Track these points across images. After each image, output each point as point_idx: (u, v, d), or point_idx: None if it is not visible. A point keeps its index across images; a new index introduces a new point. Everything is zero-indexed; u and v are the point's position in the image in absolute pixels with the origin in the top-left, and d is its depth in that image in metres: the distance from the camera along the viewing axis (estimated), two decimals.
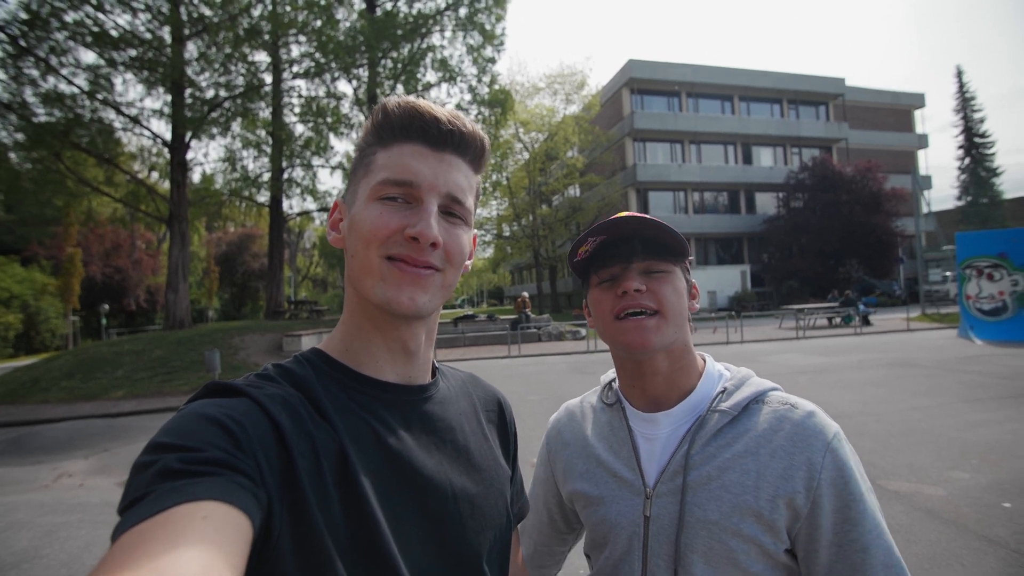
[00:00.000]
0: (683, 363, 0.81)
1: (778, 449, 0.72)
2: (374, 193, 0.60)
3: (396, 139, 0.61)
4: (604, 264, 0.81)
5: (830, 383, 7.99)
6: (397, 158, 0.60)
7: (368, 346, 0.63)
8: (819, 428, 0.73)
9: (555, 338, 17.47)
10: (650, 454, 0.80)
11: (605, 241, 0.80)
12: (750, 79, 32.18)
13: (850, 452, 0.73)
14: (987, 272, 13.38)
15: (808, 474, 0.70)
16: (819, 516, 0.69)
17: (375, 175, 0.61)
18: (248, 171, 18.38)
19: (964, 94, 43.10)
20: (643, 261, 0.79)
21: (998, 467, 4.17)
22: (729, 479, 0.73)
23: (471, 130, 0.63)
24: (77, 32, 13.97)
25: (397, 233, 0.58)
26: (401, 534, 0.55)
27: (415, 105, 0.61)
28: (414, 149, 0.61)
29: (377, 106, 0.63)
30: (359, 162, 0.64)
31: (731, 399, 0.78)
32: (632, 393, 0.85)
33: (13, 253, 27.04)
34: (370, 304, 0.61)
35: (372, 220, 0.59)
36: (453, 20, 17.81)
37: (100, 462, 5.97)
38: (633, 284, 0.77)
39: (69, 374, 11.54)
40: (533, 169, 30.92)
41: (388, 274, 0.59)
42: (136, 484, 0.41)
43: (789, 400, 0.77)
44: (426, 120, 0.61)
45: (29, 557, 3.25)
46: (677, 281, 0.80)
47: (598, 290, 0.82)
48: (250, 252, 41.21)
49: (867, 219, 26.75)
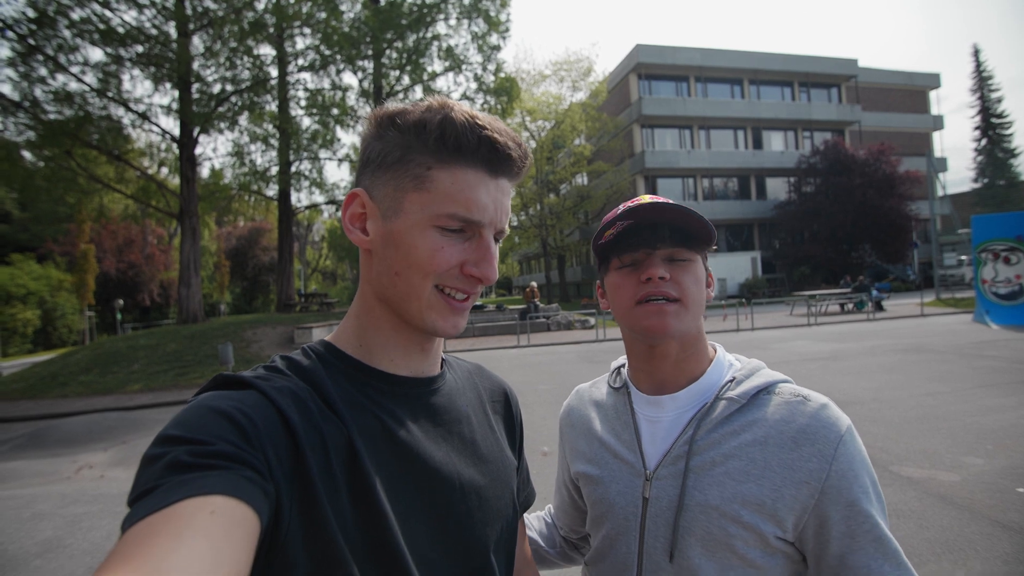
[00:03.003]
0: (693, 350, 0.81)
1: (788, 440, 0.72)
2: (435, 221, 0.57)
3: (458, 160, 0.57)
4: (628, 248, 0.80)
5: (842, 370, 7.93)
6: (463, 189, 0.57)
7: (385, 344, 0.62)
8: (831, 421, 0.72)
9: (564, 327, 17.47)
10: (652, 437, 0.80)
11: (631, 225, 0.79)
12: (760, 62, 31.62)
13: (860, 446, 0.73)
14: (1004, 255, 13.14)
15: (819, 466, 0.69)
16: (828, 508, 0.69)
17: (438, 202, 0.57)
18: (256, 165, 18.49)
19: (981, 74, 42.11)
20: (668, 248, 0.78)
21: (1013, 452, 4.12)
22: (734, 466, 0.72)
23: (527, 154, 0.61)
24: (84, 29, 14.05)
25: (456, 267, 0.58)
26: (409, 526, 0.55)
27: (485, 127, 0.57)
28: (476, 176, 0.58)
29: (437, 108, 0.58)
30: (403, 165, 0.58)
31: (740, 387, 0.78)
32: (639, 377, 0.85)
33: (29, 250, 27.49)
34: (397, 314, 0.61)
35: (431, 251, 0.57)
36: (458, 8, 17.66)
37: (119, 454, 6.09)
38: (658, 271, 0.76)
39: (86, 369, 11.77)
40: (540, 158, 30.75)
41: (437, 304, 0.59)
42: (146, 476, 0.42)
43: (800, 392, 0.77)
44: (496, 147, 0.57)
45: (53, 547, 3.34)
46: (698, 270, 0.79)
47: (618, 274, 0.81)
48: (260, 246, 41.55)
49: (880, 203, 26.32)
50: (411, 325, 0.61)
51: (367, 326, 0.63)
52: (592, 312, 16.43)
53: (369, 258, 0.62)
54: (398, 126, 0.58)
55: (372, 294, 0.62)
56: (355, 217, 0.61)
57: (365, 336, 0.62)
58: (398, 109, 0.60)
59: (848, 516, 0.68)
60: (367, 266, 0.62)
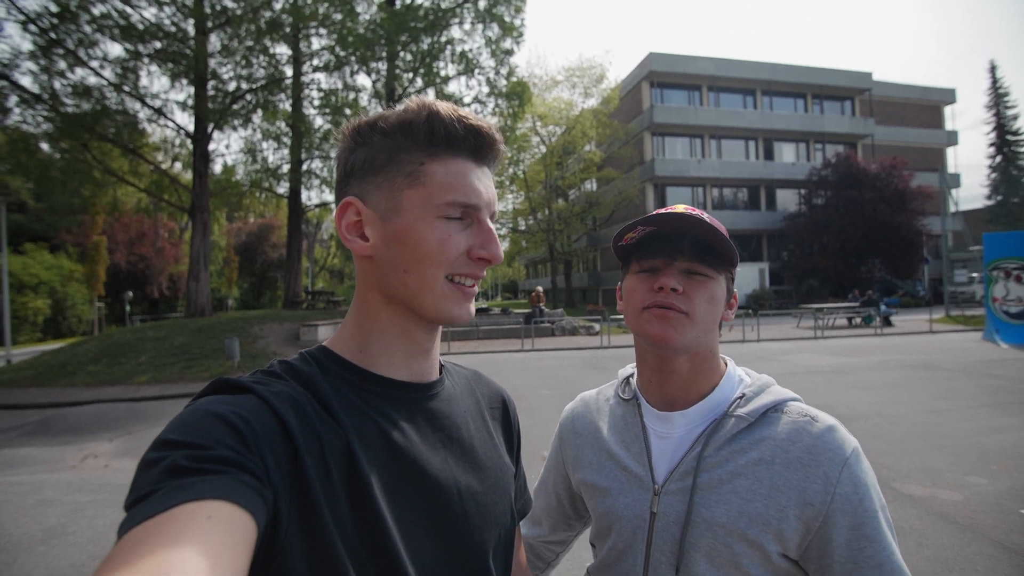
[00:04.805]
0: (705, 367, 0.81)
1: (794, 461, 0.72)
2: (438, 211, 0.59)
3: (447, 151, 0.60)
4: (648, 254, 0.80)
5: (847, 384, 7.88)
6: (456, 176, 0.60)
7: (388, 348, 0.63)
8: (838, 443, 0.72)
9: (569, 333, 17.45)
10: (662, 452, 0.80)
11: (655, 232, 0.79)
12: (773, 73, 31.53)
13: (867, 469, 0.73)
14: (1015, 274, 13.00)
15: (823, 488, 0.69)
16: (832, 531, 0.69)
17: (436, 192, 0.59)
18: (268, 162, 18.64)
19: (997, 90, 41.73)
20: (687, 261, 0.77)
21: (1017, 473, 4.09)
22: (741, 484, 0.73)
23: (503, 142, 0.65)
24: (104, 25, 14.27)
25: (463, 254, 0.61)
26: (407, 532, 0.55)
27: (467, 117, 0.60)
28: (465, 165, 0.61)
29: (419, 107, 0.60)
30: (394, 165, 0.60)
31: (749, 405, 0.78)
32: (649, 389, 0.85)
33: (42, 240, 27.85)
34: (404, 312, 0.62)
35: (441, 240, 0.59)
36: (472, 12, 17.76)
37: (124, 444, 6.16)
38: (671, 282, 0.76)
39: (95, 359, 11.90)
40: (550, 163, 30.80)
41: (450, 293, 0.61)
42: (143, 481, 0.42)
43: (809, 412, 0.76)
44: (481, 136, 0.61)
45: (57, 533, 3.39)
46: (716, 288, 0.78)
47: (636, 277, 0.82)
48: (269, 242, 41.83)
49: (892, 217, 26.09)
50: (424, 320, 0.62)
51: (370, 331, 0.63)
52: (597, 318, 16.40)
53: (370, 264, 0.62)
54: (381, 130, 0.60)
55: (376, 298, 0.63)
56: (351, 226, 0.61)
57: (367, 340, 0.62)
58: (375, 117, 0.61)
59: (850, 540, 0.68)
60: (368, 272, 0.63)
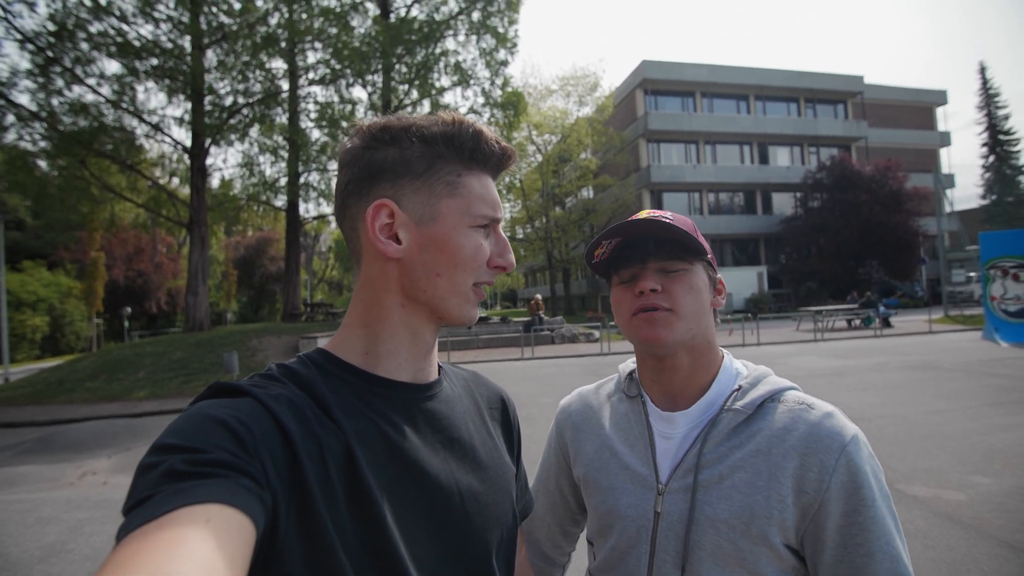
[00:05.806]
0: (704, 360, 0.82)
1: (790, 449, 0.71)
2: (472, 221, 0.63)
3: (480, 166, 0.65)
4: (622, 264, 0.82)
5: (848, 385, 7.86)
6: (487, 190, 0.65)
7: (396, 349, 0.63)
8: (835, 430, 0.72)
9: (569, 340, 17.42)
10: (665, 452, 0.80)
11: (622, 242, 0.82)
12: (766, 78, 31.80)
13: (867, 457, 0.72)
14: (1013, 273, 13.04)
15: (819, 476, 0.69)
16: (825, 518, 0.69)
17: (472, 204, 0.63)
18: (265, 176, 18.72)
19: (988, 91, 42.11)
20: (659, 261, 0.79)
21: (1021, 472, 4.07)
22: (740, 479, 0.72)
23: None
24: (101, 43, 14.40)
25: (486, 262, 0.65)
26: (409, 534, 0.55)
27: (500, 140, 0.65)
28: (489, 180, 0.66)
29: (460, 122, 0.63)
30: (433, 173, 0.61)
31: (745, 397, 0.78)
32: (652, 388, 0.85)
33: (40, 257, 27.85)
34: (421, 313, 0.64)
35: (475, 249, 0.63)
36: (466, 24, 17.95)
37: (123, 460, 6.12)
38: (648, 284, 0.78)
39: (93, 375, 11.86)
40: (546, 171, 30.93)
41: (471, 298, 0.65)
42: (141, 485, 0.41)
43: (806, 400, 0.76)
44: (506, 158, 0.67)
45: (56, 551, 3.35)
46: (695, 278, 0.80)
47: (619, 289, 0.84)
48: (267, 256, 41.86)
49: (887, 219, 26.22)
50: (443, 321, 0.65)
51: (379, 332, 0.62)
52: (597, 325, 16.39)
53: (394, 266, 0.62)
54: (421, 136, 0.61)
55: (394, 300, 0.62)
56: (384, 228, 0.61)
57: (375, 342, 0.62)
58: (407, 121, 0.62)
59: (842, 527, 0.68)
60: (389, 274, 0.62)
